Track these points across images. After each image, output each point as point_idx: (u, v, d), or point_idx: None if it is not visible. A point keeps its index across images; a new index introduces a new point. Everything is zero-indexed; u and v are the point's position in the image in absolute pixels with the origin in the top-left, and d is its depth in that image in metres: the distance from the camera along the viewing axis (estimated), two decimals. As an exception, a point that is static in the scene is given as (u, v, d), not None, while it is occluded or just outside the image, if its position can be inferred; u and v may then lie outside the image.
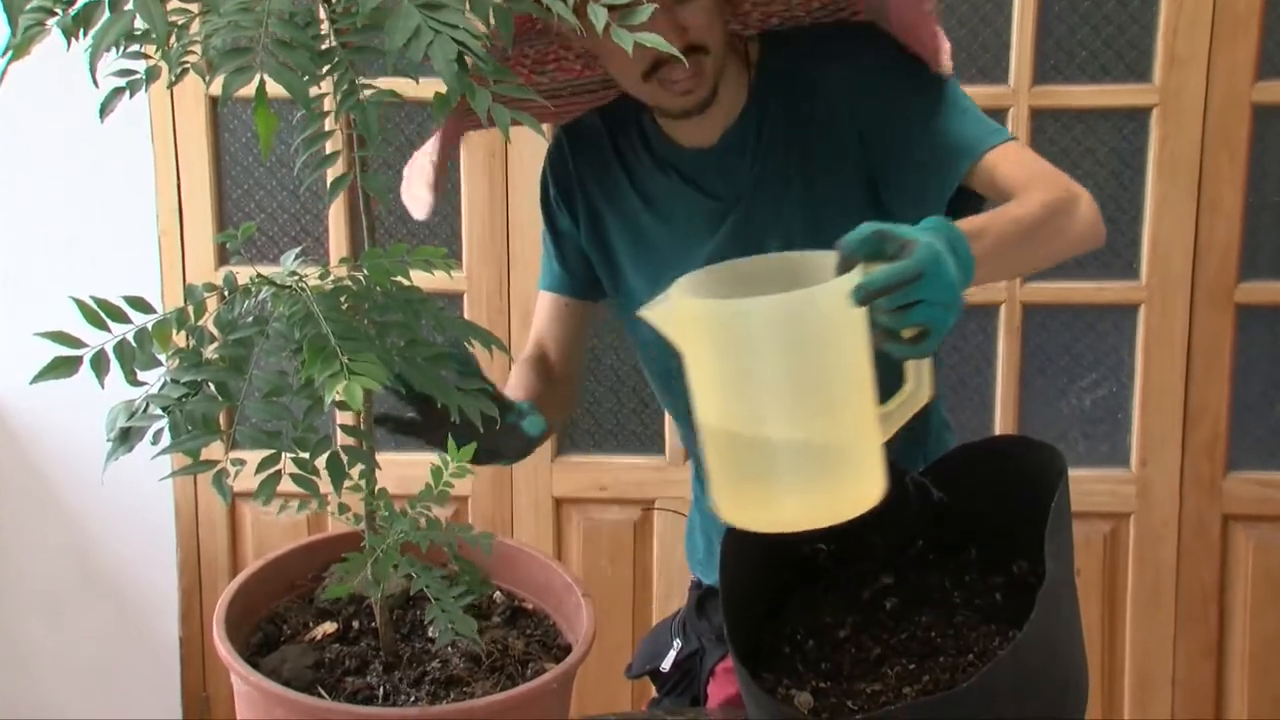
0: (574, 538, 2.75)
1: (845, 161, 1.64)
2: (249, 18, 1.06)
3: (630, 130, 1.75)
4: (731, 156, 1.68)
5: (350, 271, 1.31)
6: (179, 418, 1.19)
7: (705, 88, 1.59)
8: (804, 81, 1.65)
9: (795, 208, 1.66)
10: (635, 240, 1.76)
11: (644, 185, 1.74)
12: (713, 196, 1.69)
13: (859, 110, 1.62)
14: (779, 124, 1.66)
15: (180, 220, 2.65)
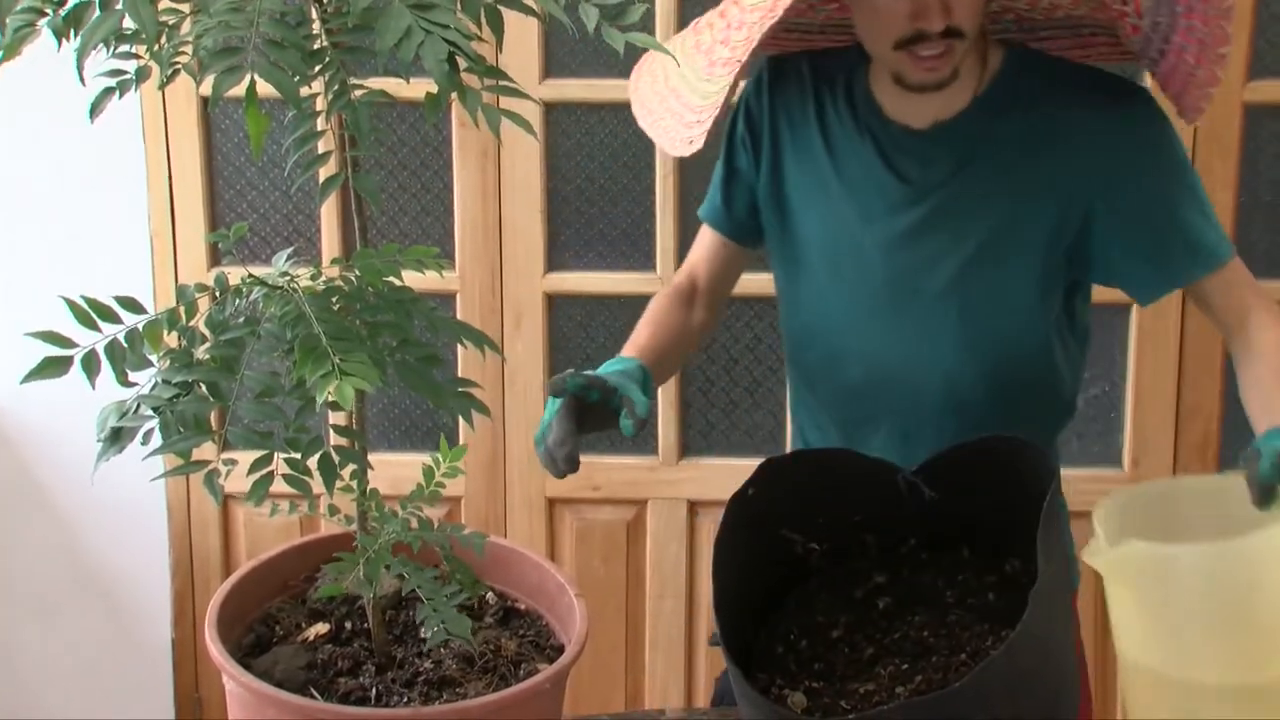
0: (567, 537, 2.75)
1: (1052, 206, 1.62)
2: (240, 18, 1.06)
3: (837, 85, 1.72)
4: (937, 148, 1.65)
5: (342, 272, 1.31)
6: (170, 418, 1.19)
7: (949, 68, 1.57)
8: (1043, 113, 1.62)
9: (979, 226, 1.64)
10: (813, 195, 1.72)
11: (836, 143, 1.70)
12: (901, 179, 1.66)
13: (1100, 172, 1.61)
14: (999, 140, 1.64)
15: (172, 220, 2.64)
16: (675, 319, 1.82)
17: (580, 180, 2.63)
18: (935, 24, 1.50)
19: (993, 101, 1.65)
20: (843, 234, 1.70)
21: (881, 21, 1.54)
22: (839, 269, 1.71)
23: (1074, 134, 1.61)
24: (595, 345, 2.68)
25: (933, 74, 1.57)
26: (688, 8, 2.50)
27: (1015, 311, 1.67)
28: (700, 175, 2.57)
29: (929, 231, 1.66)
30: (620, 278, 2.64)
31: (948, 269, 1.66)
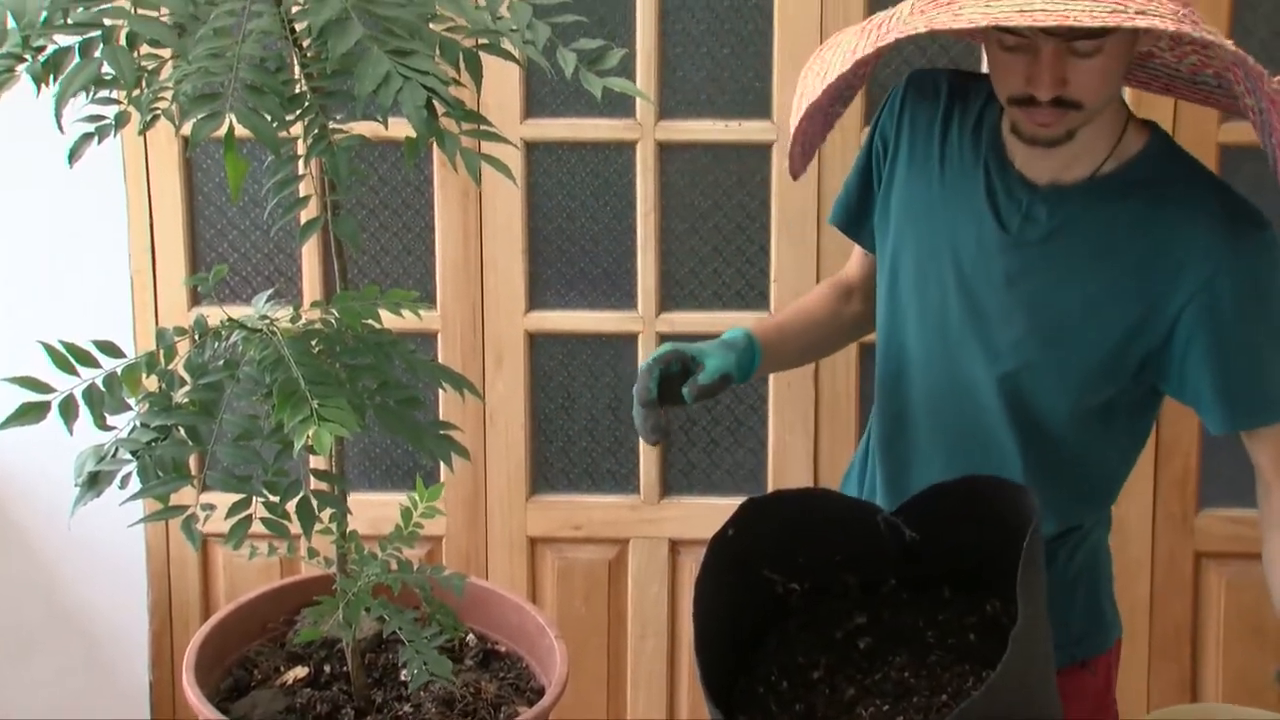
0: (548, 577, 2.73)
1: (1137, 307, 1.59)
2: (219, 63, 1.06)
3: (970, 111, 1.70)
4: (1044, 207, 1.62)
5: (322, 315, 1.31)
6: (148, 462, 1.19)
7: (1062, 130, 1.53)
8: (1160, 212, 1.58)
9: (1057, 299, 1.62)
10: (916, 209, 1.71)
11: (951, 166, 1.69)
12: (1001, 224, 1.64)
13: (1198, 292, 1.56)
14: (1106, 222, 1.60)
15: (153, 259, 2.64)
16: (823, 304, 1.89)
17: (562, 219, 2.63)
18: (1044, 93, 1.48)
19: (1115, 182, 1.61)
20: (931, 260, 1.69)
21: (1000, 74, 1.53)
22: (923, 290, 1.71)
23: (1183, 245, 1.57)
24: (577, 384, 2.68)
25: (1044, 130, 1.53)
26: (668, 49, 2.52)
27: (1054, 388, 1.65)
28: (681, 214, 2.59)
29: (1009, 286, 1.64)
30: (602, 316, 2.64)
31: (1015, 330, 1.64)
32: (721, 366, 1.63)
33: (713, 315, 2.60)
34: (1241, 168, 2.50)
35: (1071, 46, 1.45)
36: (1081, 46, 1.44)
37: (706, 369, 1.62)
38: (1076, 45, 1.44)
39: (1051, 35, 1.44)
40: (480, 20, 1.21)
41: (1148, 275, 1.58)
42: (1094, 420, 1.68)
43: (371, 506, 2.53)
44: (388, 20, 1.13)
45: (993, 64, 1.54)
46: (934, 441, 1.75)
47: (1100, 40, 1.44)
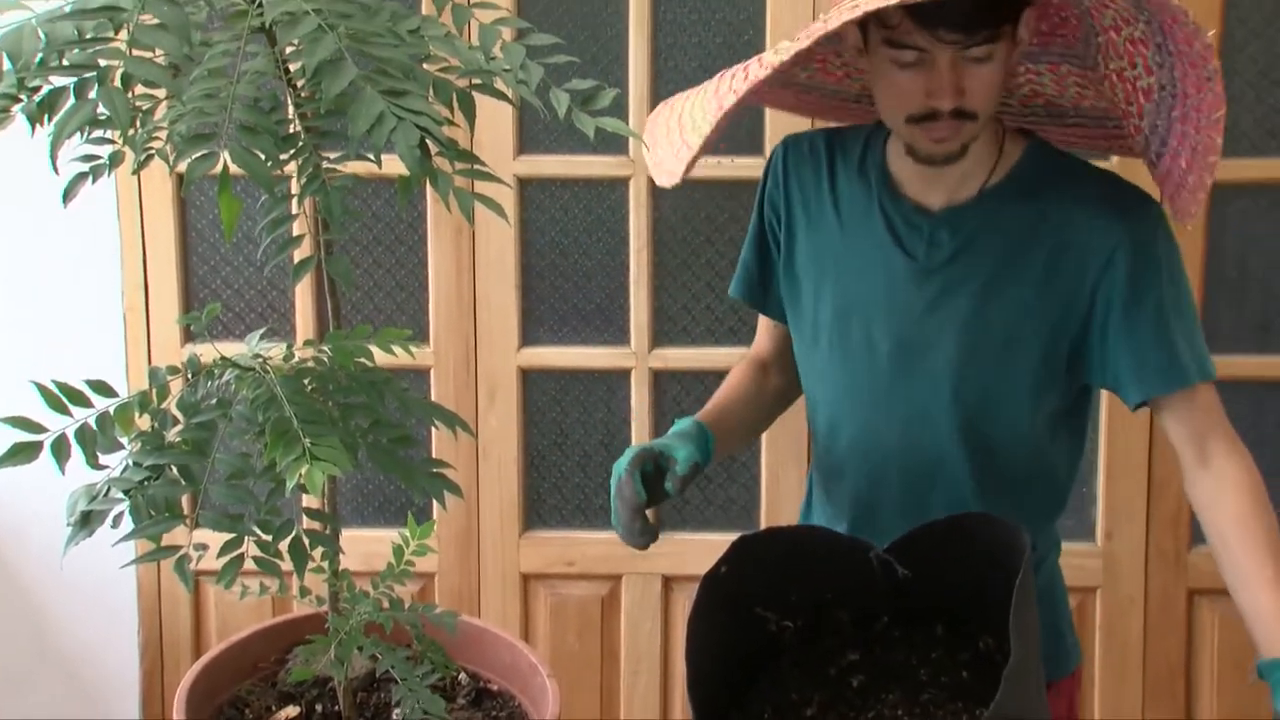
0: (541, 613, 2.73)
1: (1054, 303, 1.65)
2: (214, 104, 1.07)
3: (852, 158, 1.75)
4: (944, 230, 1.67)
5: (314, 353, 1.31)
6: (141, 502, 1.19)
7: (958, 143, 1.59)
8: (1052, 209, 1.65)
9: (978, 313, 1.66)
10: (824, 267, 1.75)
11: (848, 215, 1.73)
12: (908, 255, 1.68)
13: (1100, 275, 1.63)
14: (1006, 230, 1.66)
15: (146, 296, 2.64)
16: (747, 383, 1.89)
17: (555, 255, 2.64)
18: (946, 103, 1.53)
19: (1005, 191, 1.67)
20: (850, 306, 1.72)
21: (897, 95, 1.57)
22: (845, 341, 1.74)
23: (1079, 234, 1.63)
24: (570, 420, 2.68)
25: (941, 146, 1.58)
26: (661, 88, 2.53)
27: (1008, 402, 1.69)
28: (674, 250, 2.60)
29: (929, 313, 1.68)
30: (594, 352, 2.65)
31: (945, 352, 1.68)
32: (691, 455, 1.66)
33: (705, 351, 2.61)
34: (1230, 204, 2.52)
35: (966, 54, 1.51)
36: (976, 53, 1.51)
37: (680, 460, 1.65)
38: (971, 52, 1.51)
39: (947, 44, 1.49)
40: (474, 61, 1.22)
41: (1055, 272, 1.64)
42: (1041, 433, 1.72)
43: (364, 542, 2.53)
44: (382, 61, 1.13)
45: (887, 87, 1.58)
46: (881, 487, 1.76)
47: (992, 46, 1.51)
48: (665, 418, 2.64)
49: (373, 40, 1.13)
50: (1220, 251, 2.54)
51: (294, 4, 1.12)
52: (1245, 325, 2.57)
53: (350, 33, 1.12)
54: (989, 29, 1.50)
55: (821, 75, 1.80)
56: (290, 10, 1.11)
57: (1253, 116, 2.50)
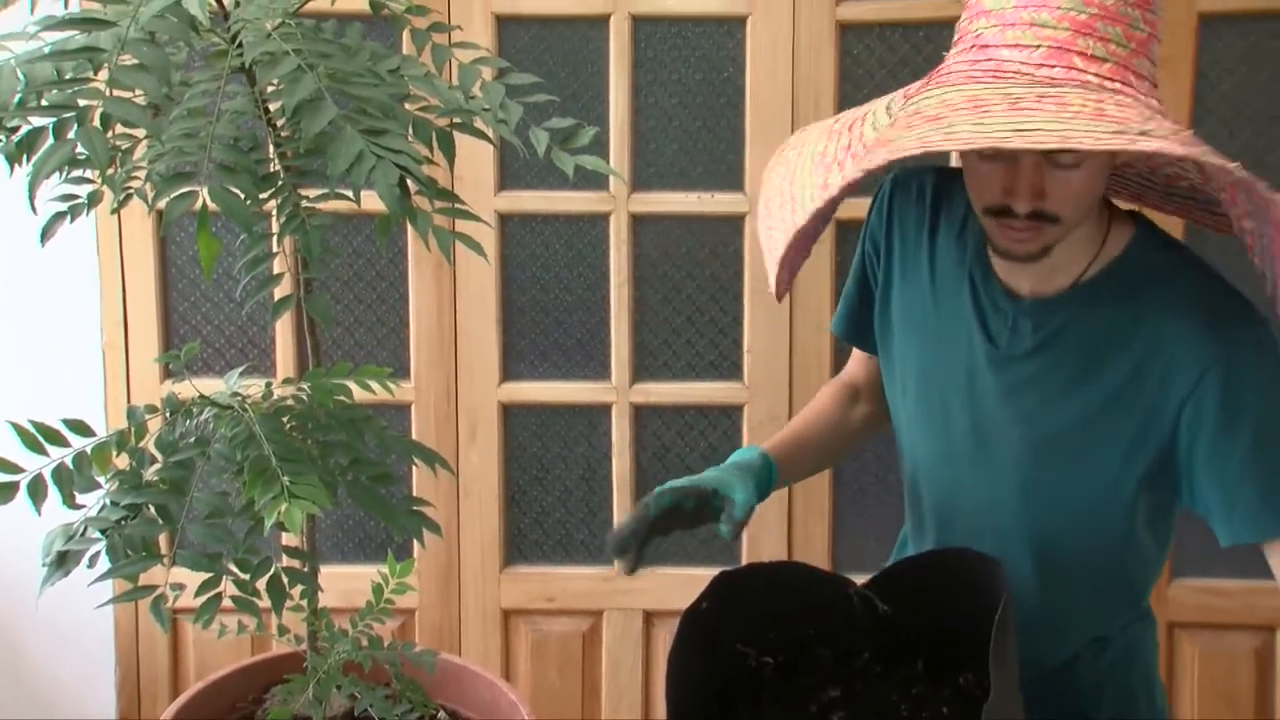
0: (522, 649, 2.72)
1: (1136, 414, 1.50)
2: (193, 143, 1.07)
3: (955, 215, 1.64)
4: (1028, 320, 1.55)
5: (293, 391, 1.31)
6: (118, 541, 1.18)
7: (1039, 246, 1.45)
8: (1145, 315, 1.50)
9: (1054, 412, 1.54)
10: (915, 319, 1.66)
11: (940, 275, 1.63)
12: (989, 339, 1.57)
13: (1190, 394, 1.47)
14: (1092, 331, 1.53)
15: (126, 334, 2.63)
16: (832, 410, 1.82)
17: (536, 290, 2.65)
18: (1021, 206, 1.40)
19: (1099, 288, 1.53)
20: (932, 372, 1.64)
21: (977, 184, 1.46)
22: (927, 400, 1.66)
23: (1169, 343, 1.48)
24: (551, 455, 2.68)
25: (1018, 245, 1.46)
26: (641, 124, 2.55)
27: (1078, 510, 1.58)
28: (655, 285, 2.60)
29: (1002, 403, 1.58)
30: (576, 387, 2.65)
31: (1012, 447, 1.58)
32: (749, 499, 1.58)
33: (686, 385, 2.61)
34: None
35: (1052, 158, 1.39)
36: (1063, 159, 1.39)
37: (738, 504, 1.56)
38: (1058, 158, 1.39)
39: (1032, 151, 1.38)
40: (453, 100, 1.22)
41: (1140, 384, 1.50)
42: (1114, 541, 1.60)
43: (344, 579, 2.52)
44: (361, 100, 1.14)
45: (968, 172, 1.47)
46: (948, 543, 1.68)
47: (1083, 154, 1.38)
48: (646, 452, 2.64)
49: (352, 80, 1.14)
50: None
51: (274, 44, 1.12)
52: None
53: (330, 72, 1.12)
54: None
55: None
56: (270, 50, 1.12)
57: (1225, 154, 2.51)
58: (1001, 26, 1.36)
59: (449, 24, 1.34)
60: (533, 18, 2.55)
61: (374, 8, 1.25)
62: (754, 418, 2.59)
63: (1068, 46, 1.32)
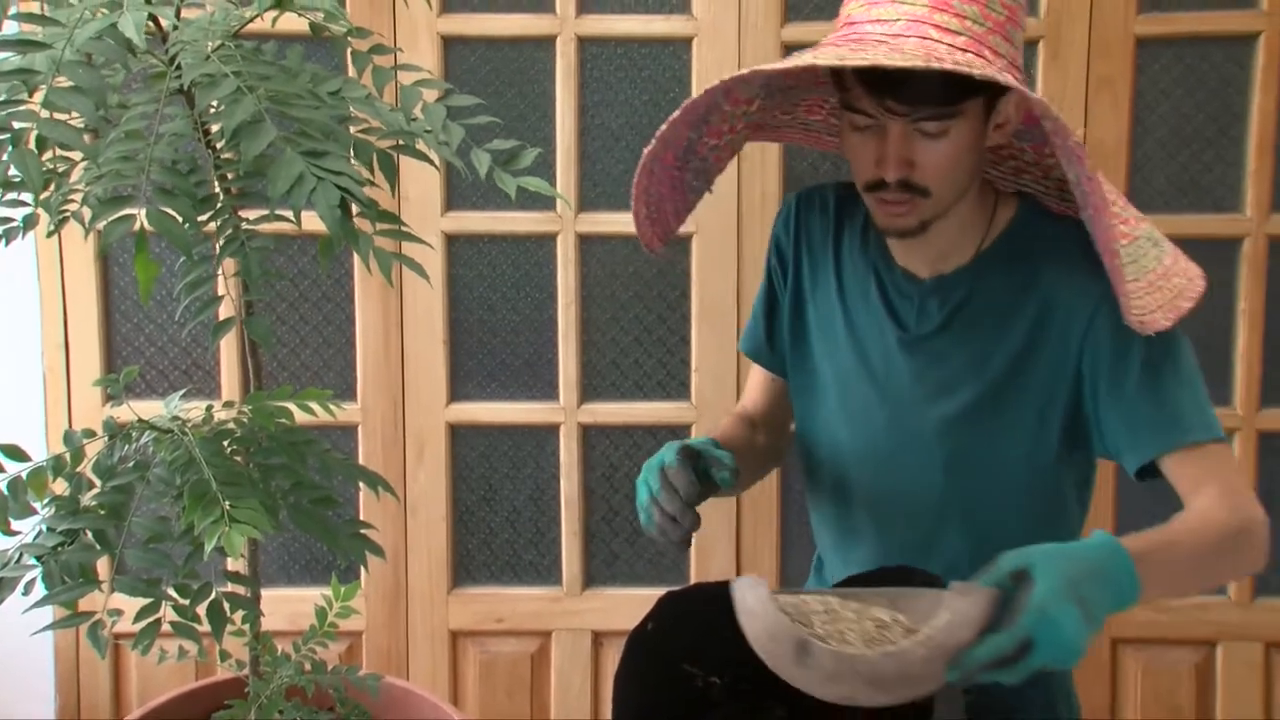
0: (470, 671, 2.70)
1: (1044, 369, 1.58)
2: (131, 166, 1.06)
3: (857, 220, 1.71)
4: (933, 299, 1.63)
5: (234, 414, 1.30)
6: (54, 568, 1.17)
7: (914, 220, 1.53)
8: (1039, 274, 1.58)
9: (969, 381, 1.61)
10: (827, 328, 1.71)
11: (847, 279, 1.70)
12: (899, 324, 1.65)
13: (1089, 337, 1.55)
14: (993, 298, 1.61)
15: (67, 356, 2.60)
16: (741, 432, 1.80)
17: (483, 311, 2.64)
18: (890, 174, 1.49)
19: (995, 257, 1.62)
20: (852, 367, 1.69)
21: (854, 160, 1.54)
22: (846, 404, 1.70)
23: (1062, 295, 1.57)
24: (499, 476, 2.67)
25: (895, 220, 1.54)
26: (588, 144, 2.55)
27: (1001, 474, 1.63)
28: (602, 305, 2.61)
29: (919, 381, 1.64)
30: (523, 408, 2.65)
31: (935, 420, 1.64)
32: (729, 454, 1.57)
33: (634, 405, 2.61)
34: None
35: (919, 128, 1.47)
36: (928, 128, 1.46)
37: (726, 455, 1.55)
38: (923, 126, 1.46)
39: (897, 115, 1.46)
40: (395, 122, 1.22)
41: (1041, 341, 1.58)
42: (1039, 507, 1.65)
43: (291, 602, 2.50)
44: (302, 122, 1.13)
45: (848, 150, 1.55)
46: (888, 545, 1.71)
47: (946, 123, 1.46)
48: (594, 472, 2.64)
49: (293, 102, 1.13)
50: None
51: (213, 66, 1.11)
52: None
53: (270, 94, 1.12)
54: (939, 106, 1.45)
55: (807, 114, 1.78)
56: (209, 72, 1.11)
57: (1164, 174, 2.56)
58: (868, 5, 1.46)
59: (393, 46, 1.34)
60: (479, 39, 2.56)
61: (314, 30, 1.24)
62: (702, 437, 2.59)
63: (924, 20, 1.42)
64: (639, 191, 1.62)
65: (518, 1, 2.55)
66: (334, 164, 1.11)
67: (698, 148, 1.64)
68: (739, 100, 1.60)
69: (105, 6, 1.09)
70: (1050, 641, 1.22)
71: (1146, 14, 2.50)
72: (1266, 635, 2.62)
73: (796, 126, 1.81)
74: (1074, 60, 2.51)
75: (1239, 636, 2.63)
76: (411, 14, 2.50)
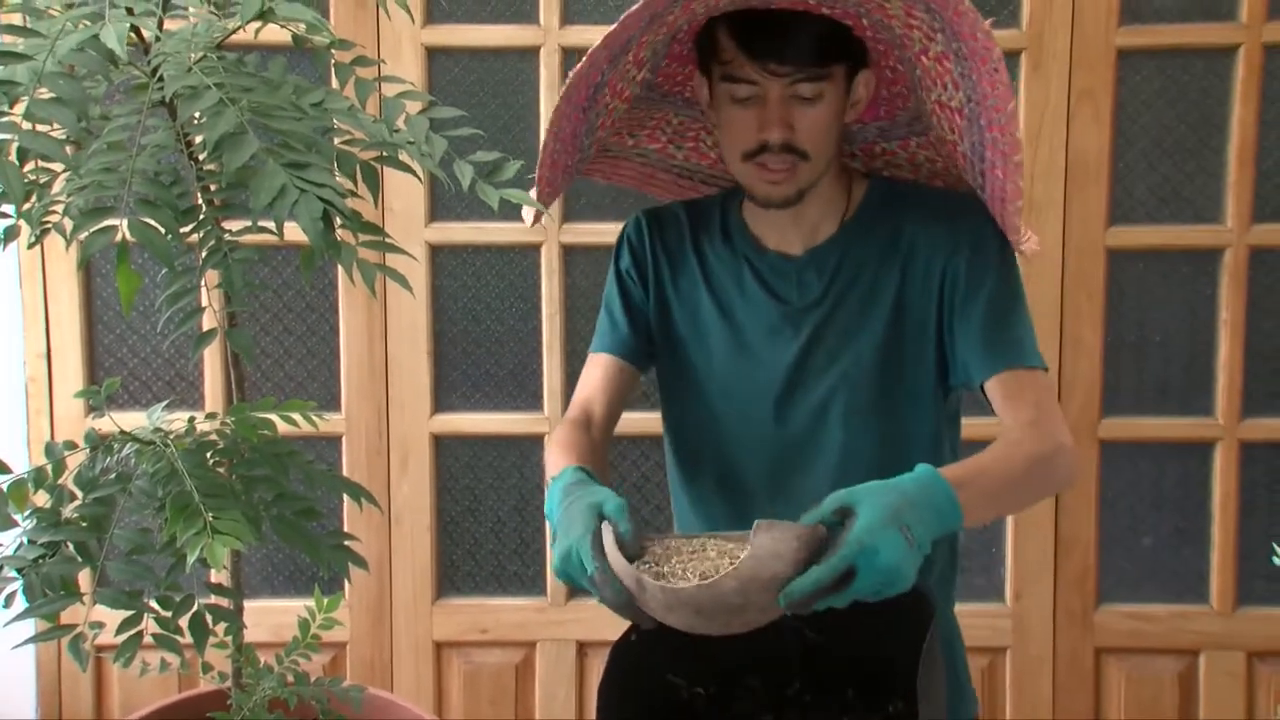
0: (455, 681, 2.70)
1: (916, 319, 1.70)
2: (113, 177, 1.06)
3: (713, 223, 1.82)
4: (809, 271, 1.74)
5: (217, 425, 1.30)
6: (35, 580, 1.16)
7: (794, 187, 1.65)
8: (900, 230, 1.72)
9: (854, 342, 1.71)
10: (699, 328, 1.80)
11: (715, 276, 1.79)
12: (781, 300, 1.75)
13: (945, 274, 1.69)
14: (864, 259, 1.72)
15: (49, 366, 2.60)
16: (583, 441, 1.78)
17: (467, 321, 2.64)
18: (775, 135, 1.60)
19: (860, 223, 1.74)
20: (730, 359, 1.76)
21: (734, 133, 1.64)
22: (729, 393, 1.77)
23: (922, 248, 1.70)
24: (483, 486, 2.67)
25: (775, 188, 1.65)
26: (571, 154, 2.56)
27: (893, 420, 1.72)
28: (586, 315, 2.61)
29: (811, 349, 1.73)
30: (507, 418, 2.65)
31: (828, 384, 1.72)
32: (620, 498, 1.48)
33: (618, 416, 2.61)
34: (1125, 270, 2.58)
35: (796, 91, 1.60)
36: (804, 90, 1.60)
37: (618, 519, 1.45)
38: (799, 89, 1.59)
39: (776, 77, 1.58)
40: (377, 133, 1.22)
41: (908, 289, 1.71)
42: (926, 447, 1.73)
43: (275, 613, 2.49)
44: (284, 133, 1.13)
45: (726, 126, 1.65)
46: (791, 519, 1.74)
47: (819, 85, 1.60)
48: (579, 483, 2.64)
49: (275, 113, 1.13)
50: (1119, 316, 2.60)
51: (195, 78, 1.11)
52: (1145, 388, 2.63)
53: (253, 106, 1.12)
54: (814, 66, 1.59)
55: (648, 141, 1.88)
56: (191, 84, 1.11)
57: (1146, 185, 2.58)
58: None
59: (376, 57, 1.34)
60: (463, 50, 2.56)
61: (297, 41, 1.24)
62: (686, 447, 2.60)
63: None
64: (551, 122, 1.65)
65: (501, 13, 2.56)
66: (317, 175, 1.11)
67: (599, 96, 1.70)
68: (640, 60, 1.70)
69: (87, 18, 1.09)
70: (871, 568, 1.30)
71: (1128, 26, 2.52)
72: (1249, 645, 2.64)
73: (634, 156, 1.91)
74: (1056, 72, 2.52)
75: (1222, 646, 2.64)
76: (395, 25, 2.50)
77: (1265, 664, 2.64)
